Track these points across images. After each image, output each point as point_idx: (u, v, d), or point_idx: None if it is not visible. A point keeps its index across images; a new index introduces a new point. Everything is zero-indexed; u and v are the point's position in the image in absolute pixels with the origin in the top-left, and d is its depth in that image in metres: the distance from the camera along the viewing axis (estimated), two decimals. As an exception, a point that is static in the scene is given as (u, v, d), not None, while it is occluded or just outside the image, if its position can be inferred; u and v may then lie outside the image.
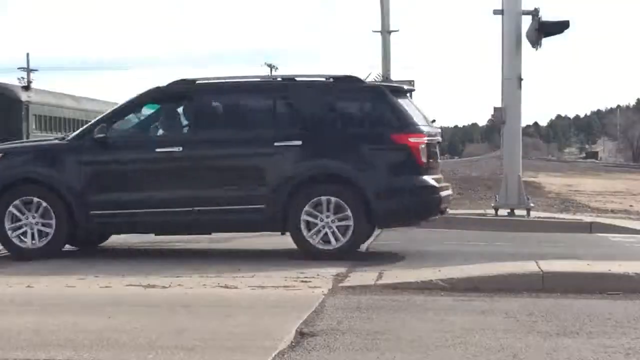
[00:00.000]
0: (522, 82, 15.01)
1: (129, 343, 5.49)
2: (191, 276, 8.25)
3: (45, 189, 9.62)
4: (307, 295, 7.22)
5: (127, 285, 7.76)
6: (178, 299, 7.05)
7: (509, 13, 14.85)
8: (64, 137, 11.16)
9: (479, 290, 7.52)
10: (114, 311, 6.54)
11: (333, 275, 8.26)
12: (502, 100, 15.18)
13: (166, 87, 9.95)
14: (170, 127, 10.10)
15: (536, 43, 14.62)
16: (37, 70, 65.25)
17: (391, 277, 8.14)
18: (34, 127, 44.97)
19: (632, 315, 6.46)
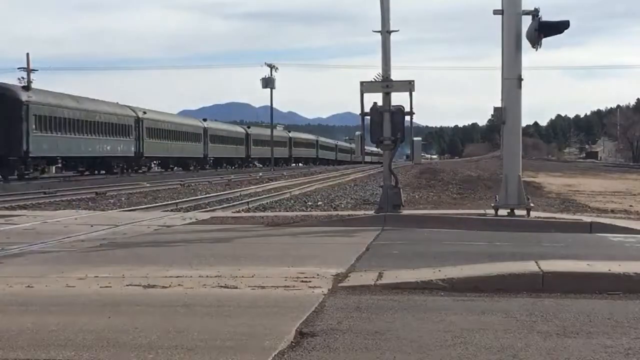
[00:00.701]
0: (522, 82, 15.02)
1: (129, 343, 5.49)
2: (191, 276, 8.26)
3: None
4: (307, 295, 7.22)
5: (127, 285, 7.77)
6: (178, 299, 7.06)
7: (509, 13, 14.87)
8: None
9: (479, 290, 7.52)
10: (114, 311, 6.54)
11: (333, 275, 8.27)
12: (502, 100, 15.18)
13: None
14: None
15: (536, 43, 14.63)
16: (37, 70, 65.63)
17: (391, 277, 8.14)
18: (34, 127, 45.04)
19: (632, 315, 6.46)
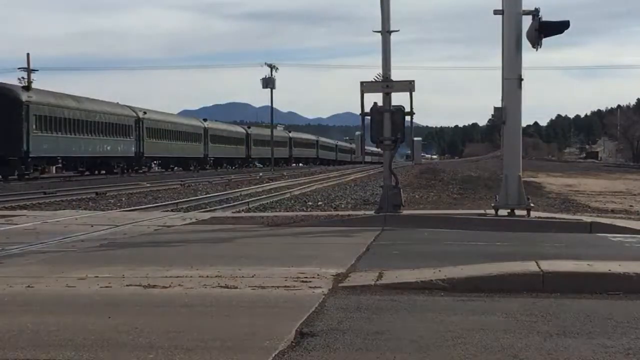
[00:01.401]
0: (522, 82, 15.02)
1: (129, 343, 5.49)
2: (191, 276, 8.26)
3: None
4: (308, 295, 7.22)
5: (127, 285, 7.77)
6: (178, 299, 7.06)
7: (509, 13, 14.86)
8: None
9: (479, 290, 7.52)
10: (114, 311, 6.54)
11: (333, 276, 8.27)
12: (502, 100, 15.18)
13: None
14: None
15: (536, 43, 14.62)
16: (37, 71, 65.56)
17: (391, 277, 8.14)
18: (34, 127, 45.05)
19: (632, 316, 6.46)
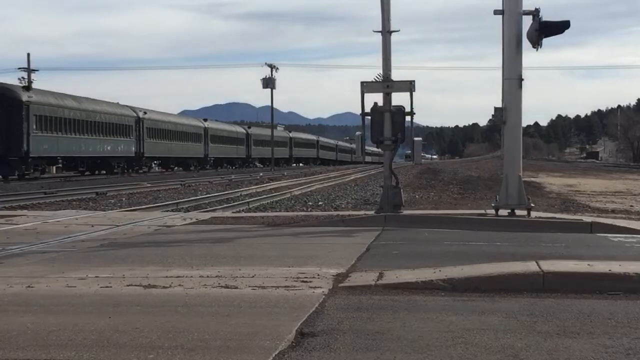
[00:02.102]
0: (523, 82, 15.02)
1: (129, 343, 5.49)
2: (192, 276, 8.26)
3: None
4: (308, 295, 7.22)
5: (128, 286, 7.77)
6: (178, 299, 7.06)
7: (510, 13, 14.86)
8: None
9: (480, 290, 7.52)
10: (114, 311, 6.54)
11: (333, 276, 8.27)
12: (502, 100, 15.17)
13: None
14: None
15: (536, 43, 14.62)
16: (37, 71, 65.63)
17: (392, 277, 8.14)
18: (34, 127, 45.05)
19: (633, 316, 6.46)
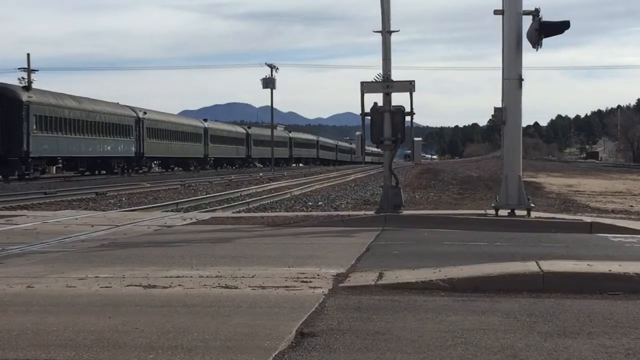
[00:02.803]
0: (523, 82, 15.02)
1: (129, 343, 5.49)
2: (191, 276, 8.26)
3: None
4: (308, 295, 7.22)
5: (128, 286, 7.77)
6: (178, 299, 7.06)
7: (510, 13, 14.86)
8: None
9: (480, 291, 7.52)
10: (114, 311, 6.54)
11: (333, 276, 8.27)
12: (502, 100, 15.17)
13: None
14: None
15: (536, 43, 14.62)
16: (37, 71, 65.64)
17: (391, 277, 8.14)
18: (34, 127, 45.05)
19: (633, 316, 6.46)
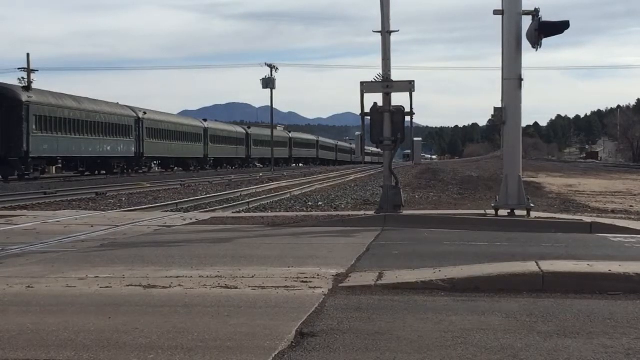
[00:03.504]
0: (522, 82, 15.02)
1: (129, 343, 5.49)
2: (191, 276, 8.26)
3: None
4: (308, 295, 7.22)
5: (128, 286, 7.77)
6: (178, 300, 7.06)
7: (509, 13, 14.86)
8: None
9: (480, 291, 7.52)
10: (114, 311, 6.54)
11: (333, 276, 8.27)
12: (502, 100, 15.17)
13: None
14: None
15: (536, 43, 14.62)
16: (37, 71, 65.62)
17: (391, 277, 8.14)
18: (34, 127, 45.04)
19: (633, 316, 6.46)
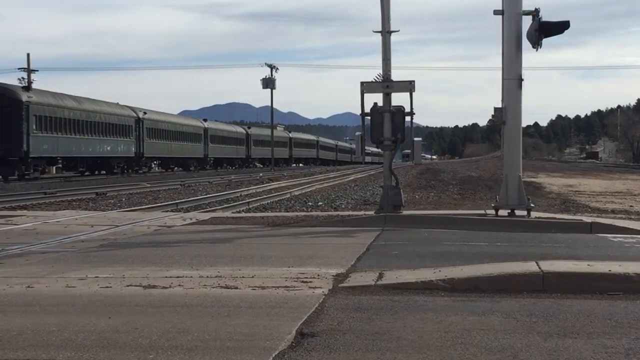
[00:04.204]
0: (523, 82, 15.02)
1: (129, 343, 5.49)
2: (191, 276, 8.26)
3: None
4: (308, 295, 7.22)
5: (128, 286, 7.77)
6: (178, 300, 7.05)
7: (509, 13, 14.86)
8: None
9: (480, 291, 7.52)
10: (114, 312, 6.54)
11: (333, 276, 8.27)
12: (502, 100, 15.17)
13: None
14: None
15: (536, 43, 14.61)
16: (37, 71, 65.62)
17: (391, 277, 8.14)
18: (34, 127, 45.04)
19: (633, 316, 6.46)
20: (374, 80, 15.81)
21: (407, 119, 15.89)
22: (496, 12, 15.04)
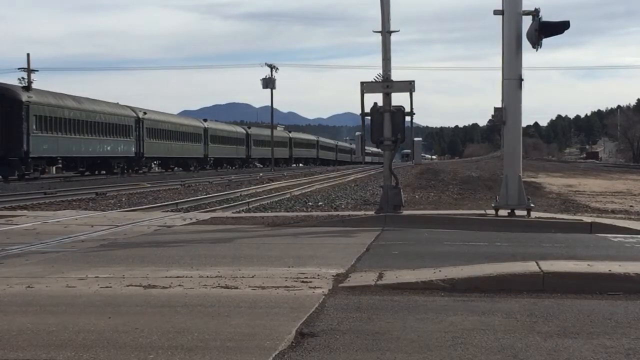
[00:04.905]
0: (523, 82, 15.02)
1: (129, 343, 5.49)
2: (191, 276, 8.26)
3: None
4: (308, 295, 7.22)
5: (128, 286, 7.77)
6: (178, 300, 7.05)
7: (509, 13, 14.86)
8: None
9: (480, 291, 7.52)
10: (114, 312, 6.54)
11: (333, 276, 8.27)
12: (502, 100, 15.18)
13: None
14: None
15: (536, 43, 14.62)
16: (37, 71, 65.67)
17: (391, 277, 8.14)
18: (34, 127, 45.04)
19: (633, 316, 6.46)
20: (374, 80, 15.82)
21: (407, 119, 15.90)
22: (496, 12, 15.04)
